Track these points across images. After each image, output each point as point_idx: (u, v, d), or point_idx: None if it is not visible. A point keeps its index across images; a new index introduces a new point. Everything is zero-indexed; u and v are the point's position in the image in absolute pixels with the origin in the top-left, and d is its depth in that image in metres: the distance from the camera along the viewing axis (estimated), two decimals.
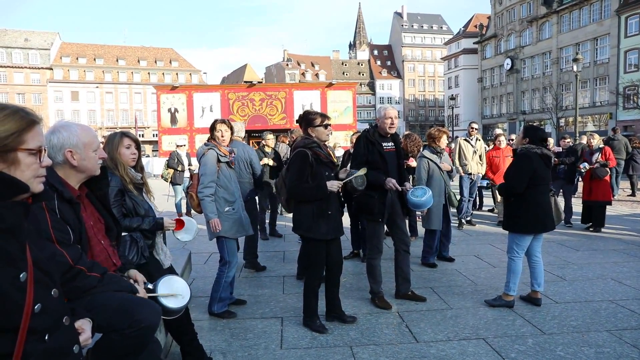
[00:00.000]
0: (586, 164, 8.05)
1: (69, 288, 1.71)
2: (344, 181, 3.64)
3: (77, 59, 68.63)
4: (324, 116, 3.72)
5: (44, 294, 1.31)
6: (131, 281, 2.09)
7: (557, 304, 4.32)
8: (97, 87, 68.83)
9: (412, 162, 6.86)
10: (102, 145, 2.26)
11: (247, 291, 4.81)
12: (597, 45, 41.52)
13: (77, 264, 1.78)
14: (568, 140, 9.25)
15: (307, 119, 3.68)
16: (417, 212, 7.66)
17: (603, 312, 4.08)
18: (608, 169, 7.98)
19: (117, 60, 71.28)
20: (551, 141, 8.86)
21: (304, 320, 3.78)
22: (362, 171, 3.71)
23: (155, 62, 74.03)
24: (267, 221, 7.62)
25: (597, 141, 8.42)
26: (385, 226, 4.38)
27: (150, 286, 2.13)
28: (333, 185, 3.52)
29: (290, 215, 3.87)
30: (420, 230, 7.51)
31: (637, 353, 3.27)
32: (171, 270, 3.04)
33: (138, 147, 2.88)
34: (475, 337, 3.57)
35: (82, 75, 68.21)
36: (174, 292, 2.18)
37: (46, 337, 1.29)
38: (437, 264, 5.73)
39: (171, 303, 2.14)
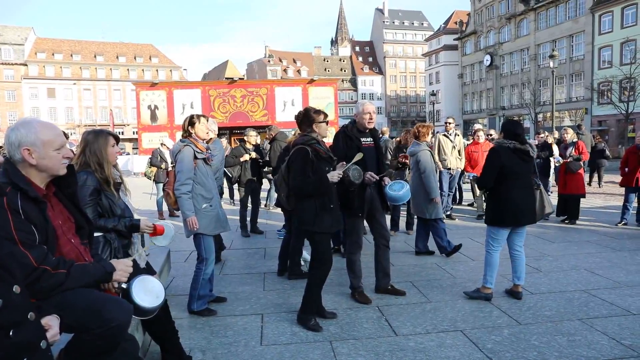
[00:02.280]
0: (560, 158, 8.23)
1: (36, 289, 1.69)
2: (342, 175, 3.68)
3: (52, 54, 67.04)
4: (325, 113, 3.82)
5: (5, 290, 1.31)
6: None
7: (532, 294, 4.41)
8: (75, 83, 67.39)
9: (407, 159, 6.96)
10: (75, 145, 2.22)
11: (228, 288, 4.80)
12: (573, 42, 42.39)
13: (41, 264, 1.75)
14: (542, 135, 9.43)
15: (310, 117, 3.73)
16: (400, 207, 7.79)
17: (576, 301, 4.19)
18: (581, 163, 8.17)
19: (95, 57, 69.89)
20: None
21: (298, 317, 3.76)
22: (359, 156, 3.78)
23: (135, 58, 72.86)
24: (249, 218, 7.60)
25: (570, 136, 8.60)
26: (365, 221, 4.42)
27: (124, 285, 2.11)
28: (333, 176, 3.59)
29: (272, 210, 3.87)
30: (402, 225, 7.60)
31: (606, 340, 3.37)
32: (148, 270, 3.02)
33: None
34: (453, 329, 3.63)
35: (58, 71, 66.66)
36: (148, 291, 2.16)
37: (11, 333, 1.30)
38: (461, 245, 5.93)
39: (145, 303, 2.12)
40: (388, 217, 7.16)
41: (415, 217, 6.45)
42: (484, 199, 7.79)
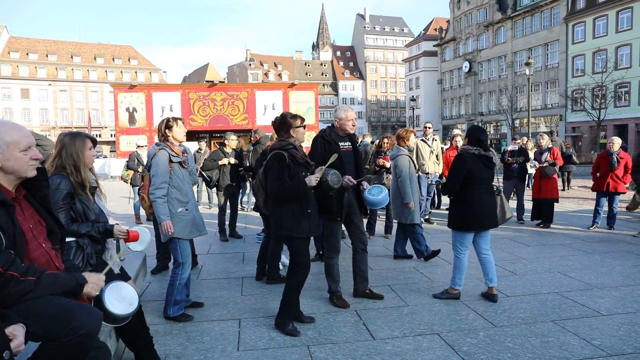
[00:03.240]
0: (535, 163, 8.41)
1: (1, 296, 1.64)
2: (320, 180, 3.68)
3: (27, 54, 65.53)
4: (302, 118, 3.81)
5: None
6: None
7: (508, 297, 4.49)
8: (50, 84, 65.94)
9: (388, 162, 7.02)
10: (52, 147, 2.17)
11: (205, 293, 4.74)
12: (548, 51, 43.51)
13: (8, 270, 1.70)
14: (519, 141, 9.63)
15: (287, 122, 3.71)
16: (377, 211, 7.84)
17: (549, 303, 4.28)
18: (556, 168, 8.36)
19: (71, 57, 68.58)
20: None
21: (276, 322, 3.74)
22: (334, 157, 3.79)
23: (113, 59, 71.75)
24: (227, 222, 7.54)
25: (546, 141, 8.80)
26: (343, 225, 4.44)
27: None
28: (311, 179, 3.56)
29: (251, 214, 3.85)
30: (384, 228, 7.65)
31: (577, 340, 3.45)
32: (123, 275, 2.96)
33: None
34: (430, 333, 3.66)
35: (33, 72, 65.18)
36: (121, 298, 2.12)
37: None
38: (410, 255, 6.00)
39: (118, 310, 2.08)
40: (365, 221, 7.22)
41: (395, 221, 6.49)
42: None
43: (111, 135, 58.24)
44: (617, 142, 7.91)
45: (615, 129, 36.08)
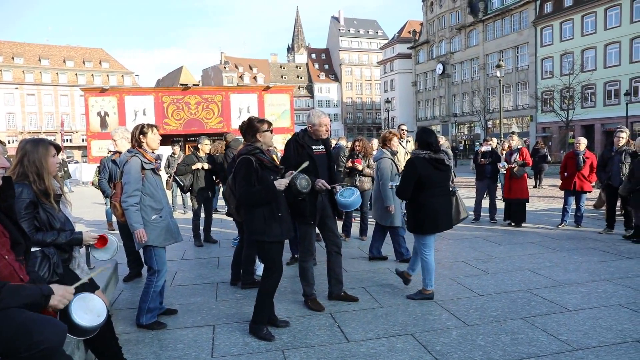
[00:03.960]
0: (505, 164, 8.61)
1: None
2: (289, 183, 3.68)
3: None
4: (269, 122, 3.80)
5: None
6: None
7: (480, 296, 4.58)
8: (17, 88, 63.95)
9: (359, 164, 7.08)
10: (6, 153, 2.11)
11: (179, 300, 4.68)
12: (518, 53, 44.64)
13: None
14: (490, 142, 9.84)
15: (254, 126, 3.70)
16: (353, 214, 7.88)
17: (519, 301, 4.39)
18: (525, 169, 8.57)
19: (39, 60, 66.72)
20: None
21: (251, 327, 3.72)
22: (305, 164, 3.81)
23: (84, 62, 70.18)
24: (202, 227, 7.46)
25: (515, 142, 9.01)
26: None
27: None
28: (280, 183, 3.56)
29: (227, 219, 3.82)
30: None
31: (545, 336, 3.55)
32: (92, 285, 2.90)
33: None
34: (404, 333, 3.70)
35: None
36: (89, 310, 2.07)
37: None
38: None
39: (85, 322, 2.02)
40: (340, 223, 7.26)
41: (373, 222, 6.54)
42: None
43: (82, 140, 56.88)
44: (583, 142, 8.17)
45: (583, 129, 37.23)
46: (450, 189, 4.62)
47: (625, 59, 35.44)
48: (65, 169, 20.76)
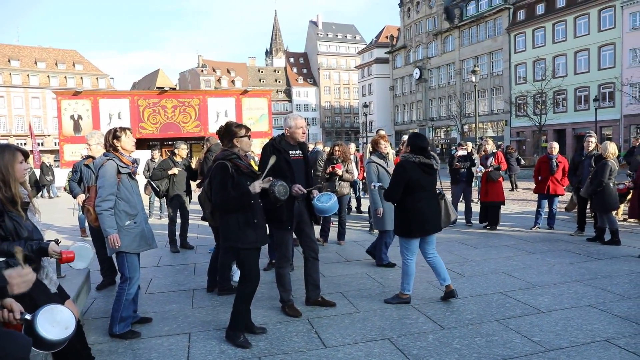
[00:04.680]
0: (482, 168, 8.75)
1: None
2: (267, 191, 3.67)
3: None
4: (247, 127, 3.76)
5: None
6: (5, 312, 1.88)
7: (456, 299, 4.61)
8: None
9: (339, 169, 7.08)
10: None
11: (154, 307, 4.60)
12: (493, 59, 45.61)
13: None
14: (465, 146, 9.99)
15: (231, 131, 3.65)
16: (332, 218, 7.88)
17: (494, 303, 4.46)
18: (501, 172, 8.74)
19: (9, 61, 64.80)
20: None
21: (227, 334, 3.67)
22: (272, 159, 3.81)
23: (56, 64, 68.50)
24: (178, 233, 7.35)
25: (491, 147, 9.18)
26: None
27: (28, 317, 1.93)
28: (255, 186, 3.52)
29: (203, 224, 3.76)
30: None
31: (519, 338, 3.61)
32: (61, 295, 2.81)
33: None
34: (381, 338, 3.71)
35: None
36: (56, 322, 1.99)
37: None
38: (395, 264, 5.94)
39: (52, 335, 1.95)
40: (318, 228, 7.26)
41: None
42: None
43: (55, 144, 55.43)
44: (555, 146, 8.37)
45: (555, 134, 38.25)
46: (438, 191, 4.64)
47: (594, 66, 36.61)
48: (50, 173, 20.30)
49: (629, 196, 7.89)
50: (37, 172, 19.37)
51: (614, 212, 7.19)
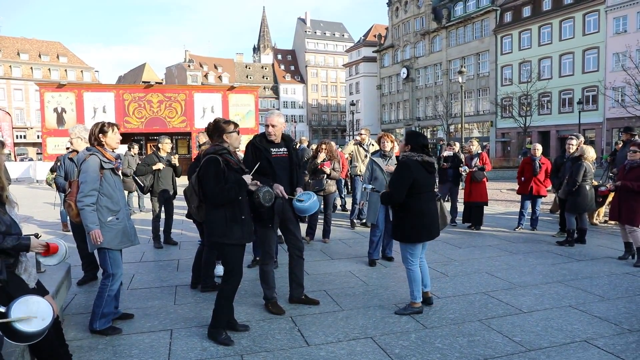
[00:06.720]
0: (466, 168, 8.82)
1: None
2: (252, 195, 3.69)
3: None
4: (235, 123, 3.76)
5: None
6: None
7: (438, 299, 4.65)
8: None
9: (327, 167, 7.11)
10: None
11: (136, 304, 4.54)
12: (479, 60, 46.02)
13: None
14: (452, 147, 10.06)
15: (220, 127, 3.65)
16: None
17: (477, 303, 4.50)
18: (485, 173, 8.82)
19: None
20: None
21: (209, 331, 3.64)
22: (257, 165, 3.90)
23: (40, 56, 67.22)
24: (162, 228, 7.27)
25: (475, 147, 9.25)
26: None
27: (2, 309, 1.89)
28: (247, 179, 3.58)
29: (188, 221, 3.73)
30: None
31: (501, 338, 3.65)
32: (39, 290, 2.75)
33: None
34: (363, 337, 3.72)
35: None
36: (32, 314, 1.96)
37: None
38: (377, 261, 6.04)
39: (27, 327, 1.92)
40: (305, 226, 7.25)
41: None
42: None
43: (38, 137, 54.47)
44: (539, 148, 8.47)
45: (540, 135, 38.77)
46: (436, 193, 4.42)
47: (578, 69, 37.20)
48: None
49: (609, 199, 8.03)
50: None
51: (595, 214, 7.30)
